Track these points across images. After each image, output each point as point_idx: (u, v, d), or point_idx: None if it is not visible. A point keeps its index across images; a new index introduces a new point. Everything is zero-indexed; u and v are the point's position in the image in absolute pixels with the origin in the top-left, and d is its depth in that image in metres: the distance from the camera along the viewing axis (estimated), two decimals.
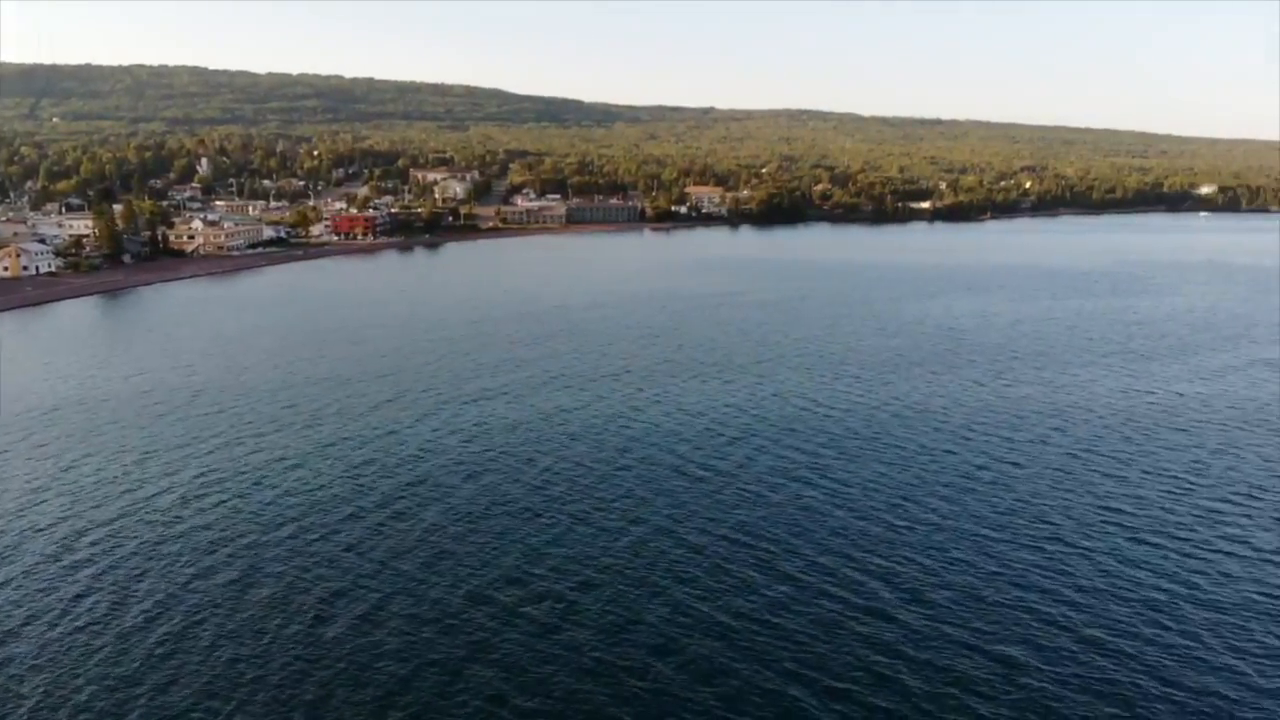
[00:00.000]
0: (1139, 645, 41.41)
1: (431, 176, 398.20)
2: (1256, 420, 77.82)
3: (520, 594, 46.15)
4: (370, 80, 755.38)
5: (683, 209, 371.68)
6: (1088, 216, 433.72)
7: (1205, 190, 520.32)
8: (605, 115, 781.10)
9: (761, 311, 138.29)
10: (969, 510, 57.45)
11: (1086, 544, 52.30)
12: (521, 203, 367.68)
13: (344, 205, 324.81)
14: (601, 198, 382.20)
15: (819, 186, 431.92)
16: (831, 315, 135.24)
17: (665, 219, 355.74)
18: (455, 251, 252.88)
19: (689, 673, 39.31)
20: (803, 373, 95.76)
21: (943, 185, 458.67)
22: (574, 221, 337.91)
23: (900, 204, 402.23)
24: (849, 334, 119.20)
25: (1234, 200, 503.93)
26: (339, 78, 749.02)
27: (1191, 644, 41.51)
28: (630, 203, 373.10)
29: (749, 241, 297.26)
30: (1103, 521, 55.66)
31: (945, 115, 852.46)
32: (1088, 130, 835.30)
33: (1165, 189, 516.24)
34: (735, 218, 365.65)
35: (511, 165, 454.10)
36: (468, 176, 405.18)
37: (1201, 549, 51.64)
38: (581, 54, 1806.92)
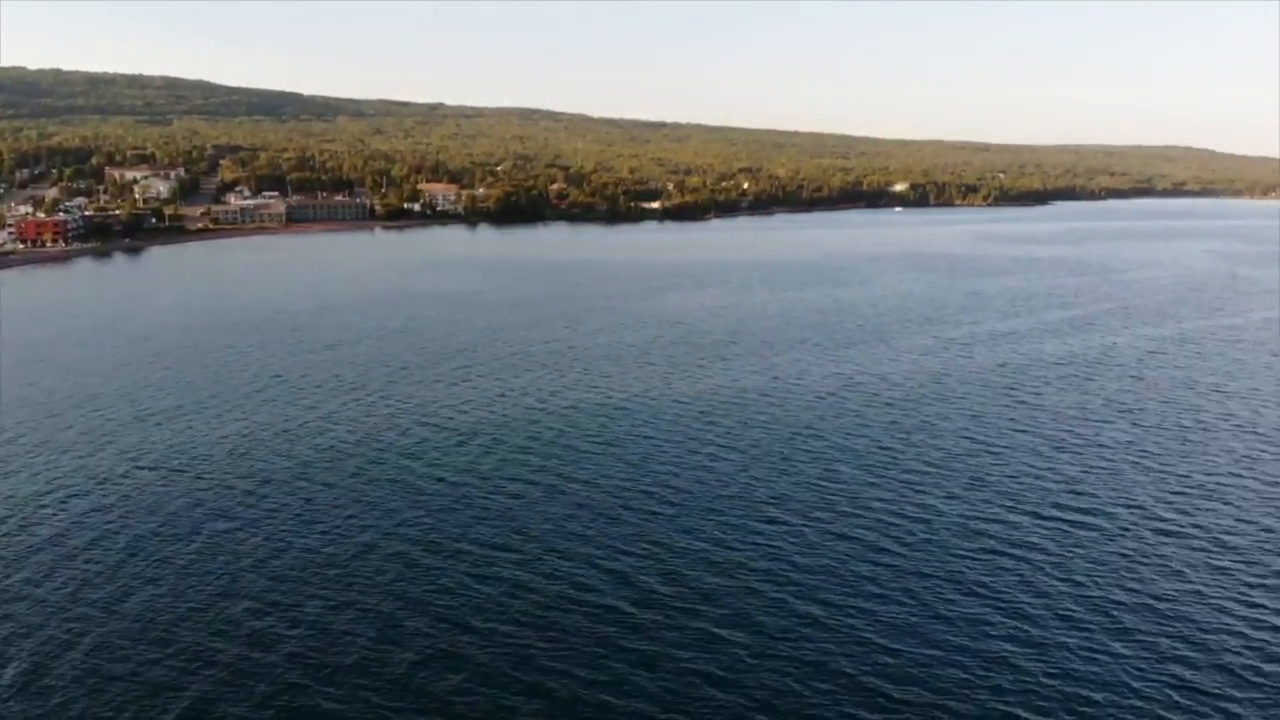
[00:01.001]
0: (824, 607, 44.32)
1: (130, 175, 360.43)
2: (952, 396, 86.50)
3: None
4: (57, 71, 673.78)
5: (416, 207, 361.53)
6: (800, 214, 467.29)
7: (899, 187, 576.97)
8: (327, 109, 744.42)
9: (505, 312, 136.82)
10: (694, 493, 59.43)
11: (797, 518, 55.57)
12: (235, 201, 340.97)
13: (30, 209, 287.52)
14: (326, 195, 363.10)
15: (555, 186, 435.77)
16: (574, 312, 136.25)
17: (398, 217, 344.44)
18: (161, 256, 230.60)
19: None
20: (550, 372, 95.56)
21: (670, 186, 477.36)
22: (296, 220, 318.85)
23: (633, 204, 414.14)
24: (591, 330, 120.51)
25: (924, 196, 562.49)
26: (22, 69, 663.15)
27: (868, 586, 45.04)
28: (358, 200, 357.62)
29: (488, 240, 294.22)
30: (817, 496, 59.43)
31: (669, 118, 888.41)
32: (796, 133, 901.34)
33: (865, 187, 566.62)
34: (472, 216, 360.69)
35: (222, 161, 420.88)
36: (172, 174, 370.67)
37: (897, 515, 56.38)
38: (298, 45, 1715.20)
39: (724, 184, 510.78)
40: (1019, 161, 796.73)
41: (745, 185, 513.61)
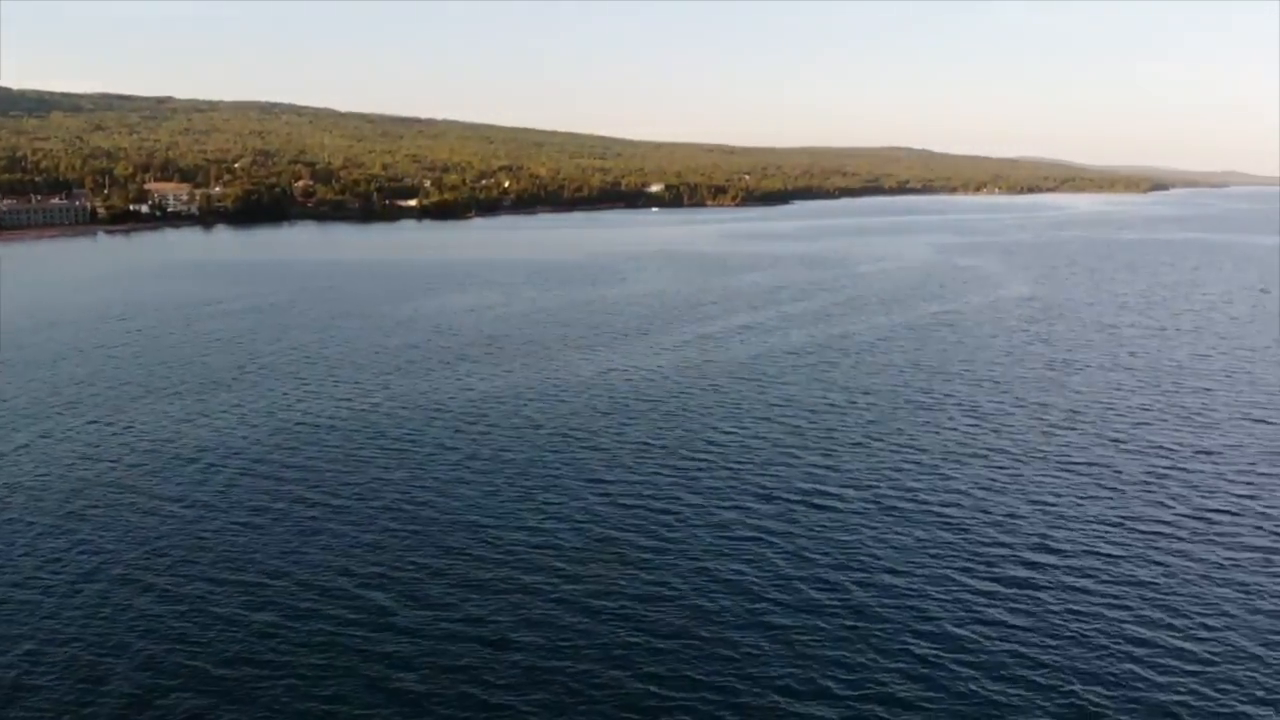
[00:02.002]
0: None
1: None
2: (708, 388, 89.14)
3: None
4: None
5: (144, 208, 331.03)
6: (562, 213, 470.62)
7: (655, 188, 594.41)
8: (39, 104, 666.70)
9: (247, 319, 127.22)
10: (465, 499, 57.49)
11: (554, 521, 55.09)
12: None
13: None
14: (40, 198, 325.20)
15: (301, 183, 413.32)
16: (324, 318, 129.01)
17: (123, 220, 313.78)
18: None
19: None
20: (294, 382, 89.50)
21: (428, 183, 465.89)
22: (7, 227, 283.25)
23: (388, 202, 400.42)
24: (346, 337, 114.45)
25: (678, 197, 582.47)
26: None
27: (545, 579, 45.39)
28: (77, 203, 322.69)
29: (227, 242, 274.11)
30: (576, 497, 59.16)
31: (424, 114, 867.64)
32: (555, 133, 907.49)
33: (623, 187, 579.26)
34: (209, 217, 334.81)
35: None
36: None
37: (657, 511, 57.18)
38: (4, 35, 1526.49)
39: (485, 182, 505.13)
40: (762, 164, 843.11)
41: (506, 184, 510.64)
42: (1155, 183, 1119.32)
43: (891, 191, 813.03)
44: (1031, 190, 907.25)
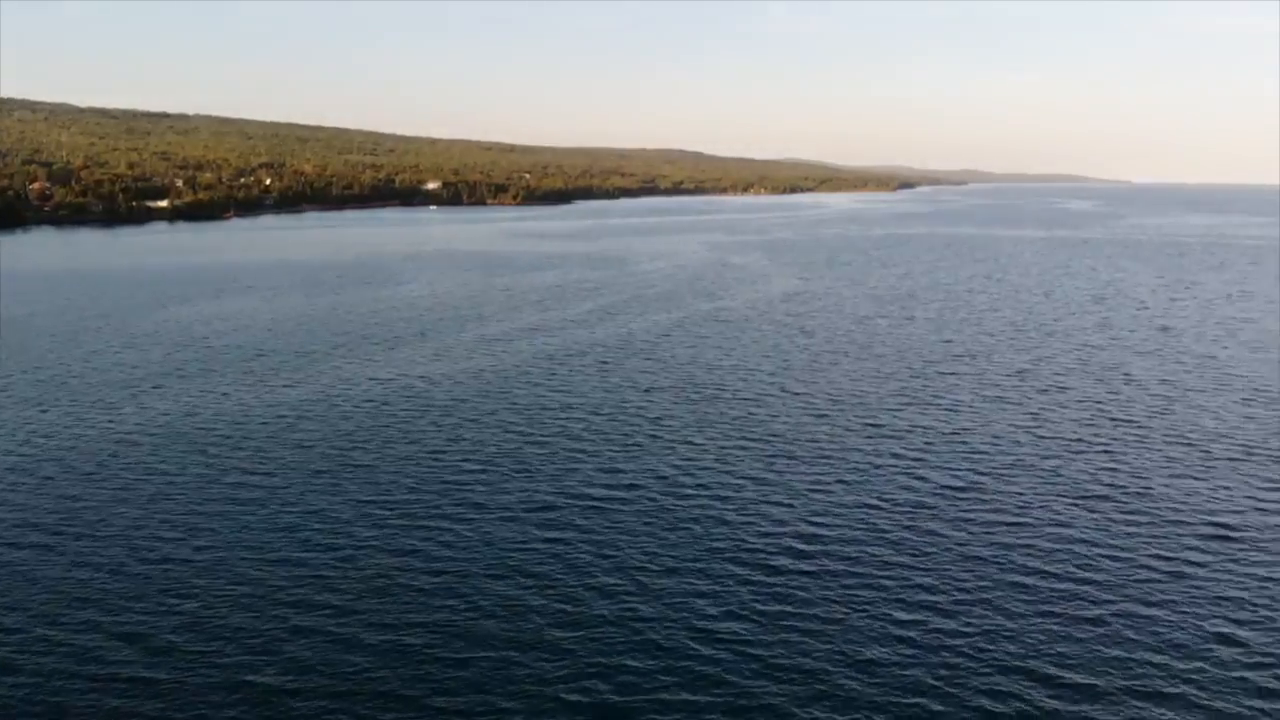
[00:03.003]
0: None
1: None
2: (495, 391, 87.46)
3: None
4: None
5: None
6: (331, 212, 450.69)
7: (432, 186, 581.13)
8: None
9: None
10: (230, 519, 53.11)
11: (333, 536, 52.22)
12: None
13: None
14: None
15: (36, 185, 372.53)
16: (64, 331, 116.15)
17: None
18: None
19: None
20: (30, 407, 79.73)
21: (180, 182, 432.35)
22: None
23: (135, 203, 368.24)
24: (87, 352, 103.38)
25: (457, 195, 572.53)
26: None
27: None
28: None
29: None
30: (357, 511, 56.25)
31: (172, 109, 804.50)
32: (320, 128, 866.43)
33: (398, 185, 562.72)
34: None
35: None
36: None
37: (447, 518, 55.36)
38: None
39: (243, 180, 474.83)
40: (542, 162, 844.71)
41: (268, 182, 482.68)
42: (903, 181, 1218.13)
43: (667, 192, 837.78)
44: (794, 190, 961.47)
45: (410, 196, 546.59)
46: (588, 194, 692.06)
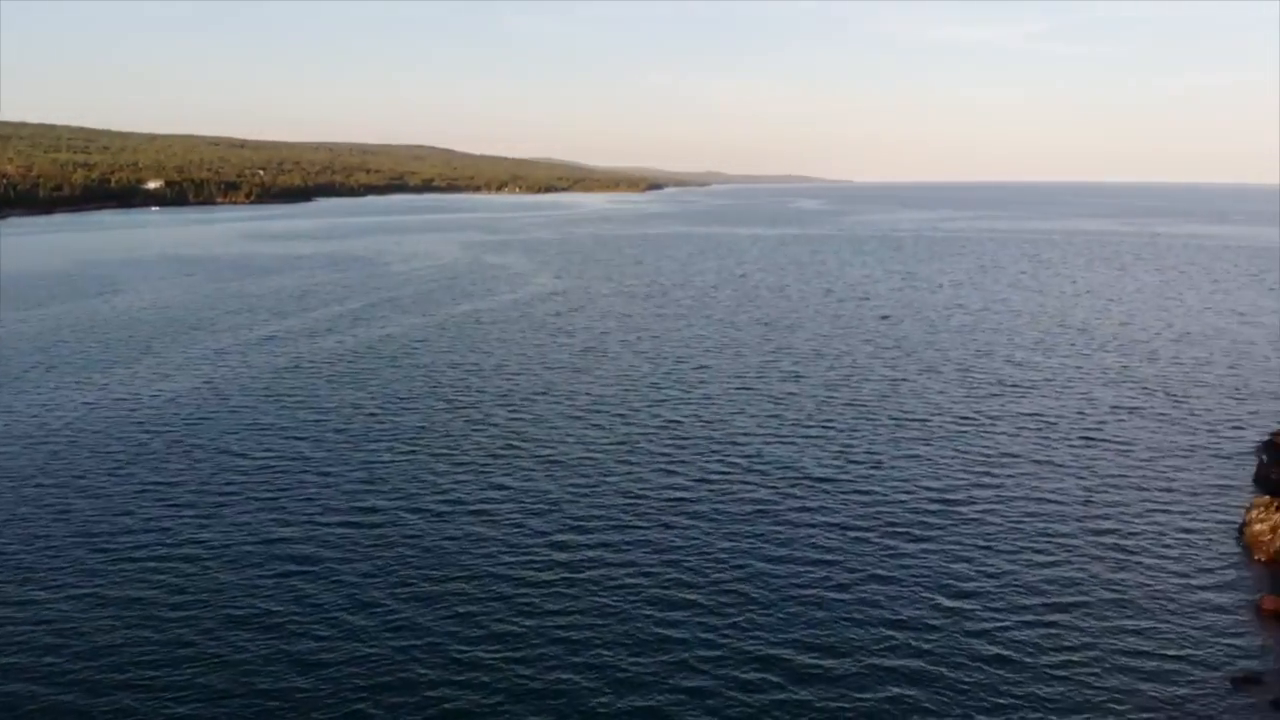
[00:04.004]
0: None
1: None
2: (231, 410, 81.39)
3: None
4: None
5: None
6: (38, 217, 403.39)
7: (154, 185, 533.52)
8: None
9: None
10: None
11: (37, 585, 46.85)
12: None
13: None
14: None
15: None
16: None
17: None
18: None
19: None
20: None
21: None
22: None
23: None
24: None
25: (182, 194, 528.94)
26: None
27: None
28: None
29: None
30: (60, 549, 50.69)
31: None
32: (24, 124, 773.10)
33: (114, 184, 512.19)
34: None
35: None
36: None
37: (181, 558, 51.07)
38: None
39: None
40: (278, 158, 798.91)
41: None
42: (652, 182, 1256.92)
43: (417, 189, 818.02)
44: (548, 189, 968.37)
45: (129, 197, 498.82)
46: (331, 191, 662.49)
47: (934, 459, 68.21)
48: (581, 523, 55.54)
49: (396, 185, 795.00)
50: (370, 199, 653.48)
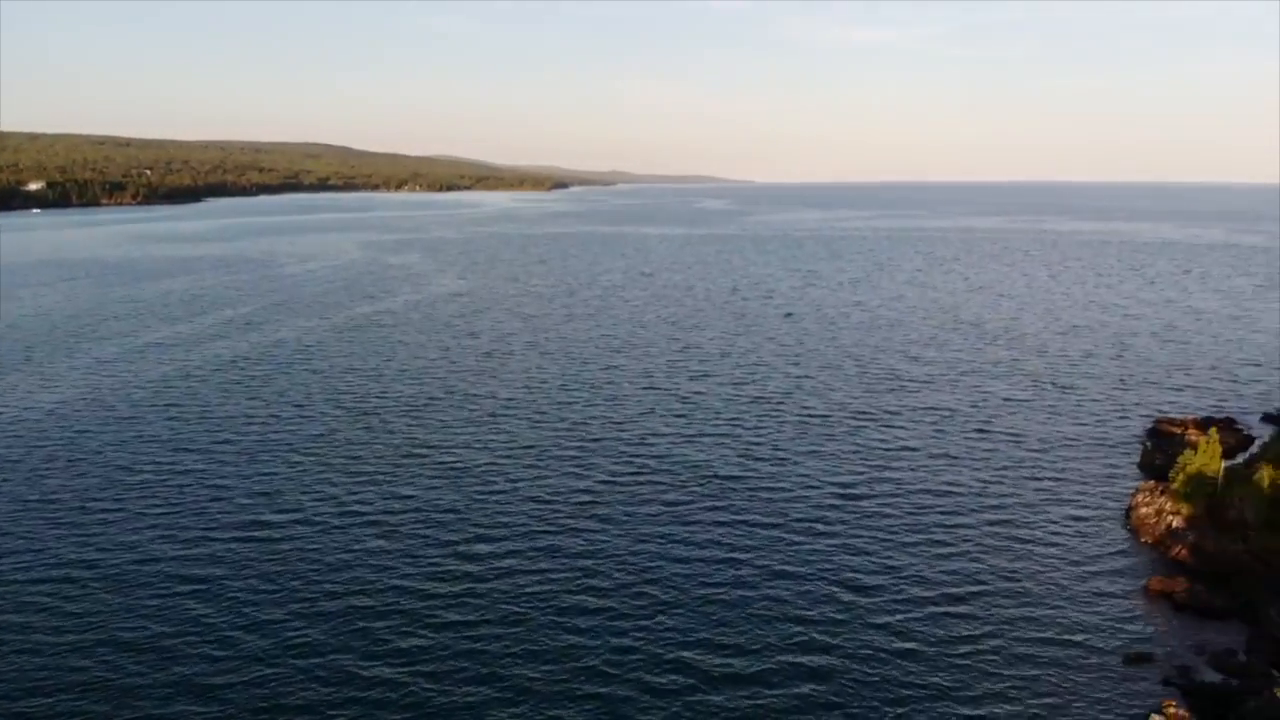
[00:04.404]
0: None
1: None
2: (116, 420, 77.53)
3: None
4: None
5: None
6: None
7: (34, 186, 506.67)
8: None
9: None
10: None
11: None
12: None
13: None
14: None
15: None
16: None
17: None
18: None
19: None
20: None
21: None
22: None
23: None
24: None
25: (65, 196, 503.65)
26: None
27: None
28: None
29: None
30: None
31: None
32: None
33: None
34: None
35: None
36: None
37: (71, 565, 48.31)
38: None
39: None
40: (165, 158, 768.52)
41: None
42: (557, 181, 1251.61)
43: (312, 188, 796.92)
44: (451, 188, 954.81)
45: (9, 200, 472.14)
46: (222, 191, 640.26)
47: (836, 454, 69.34)
48: (487, 531, 54.50)
49: (291, 184, 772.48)
50: (264, 199, 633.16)
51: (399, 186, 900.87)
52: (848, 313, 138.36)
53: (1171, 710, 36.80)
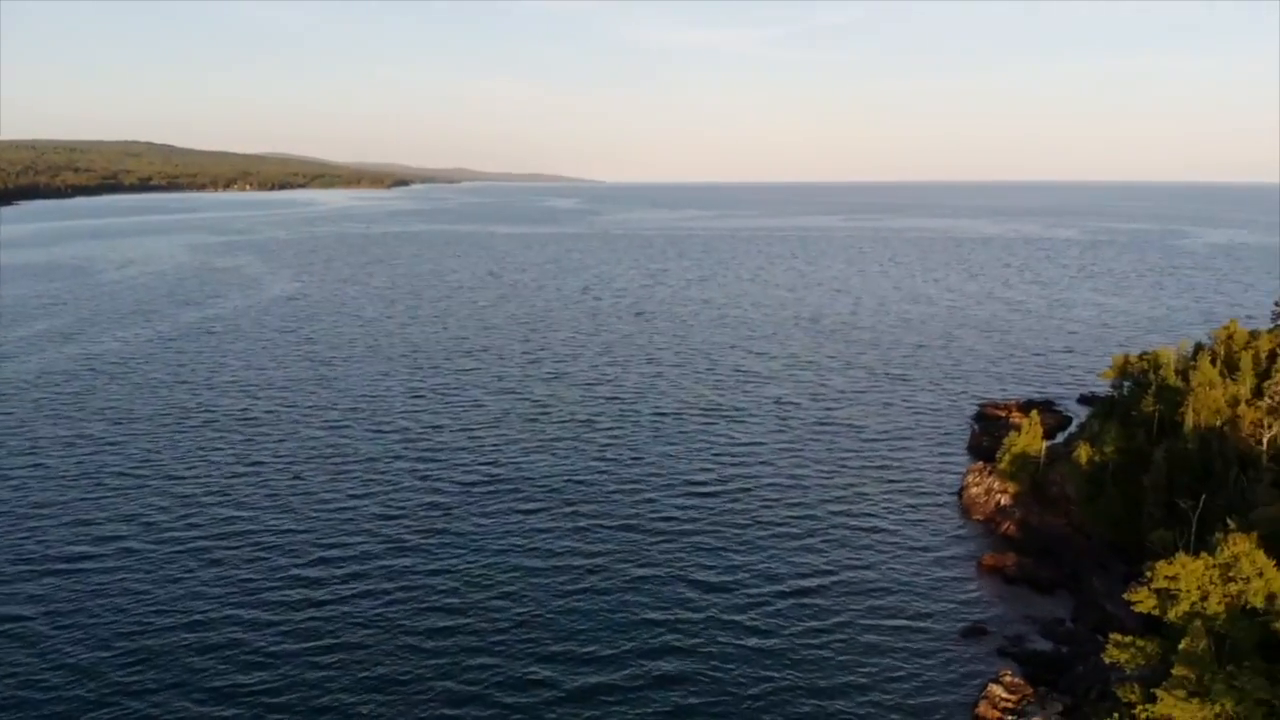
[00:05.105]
0: None
1: None
2: None
3: None
4: None
5: None
6: None
7: None
8: None
9: None
10: None
11: None
12: None
13: None
14: None
15: None
16: None
17: None
18: None
19: None
20: None
21: None
22: None
23: None
24: None
25: None
26: None
27: None
28: None
29: None
30: None
31: None
32: None
33: None
34: None
35: None
36: None
37: None
38: None
39: None
40: None
41: None
42: (398, 179, 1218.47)
43: (134, 189, 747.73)
44: (284, 186, 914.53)
45: None
46: (34, 193, 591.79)
47: (688, 452, 70.01)
48: (327, 554, 51.42)
49: (110, 185, 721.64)
50: (81, 201, 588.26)
51: (228, 186, 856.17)
52: (697, 310, 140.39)
53: (1008, 679, 38.78)
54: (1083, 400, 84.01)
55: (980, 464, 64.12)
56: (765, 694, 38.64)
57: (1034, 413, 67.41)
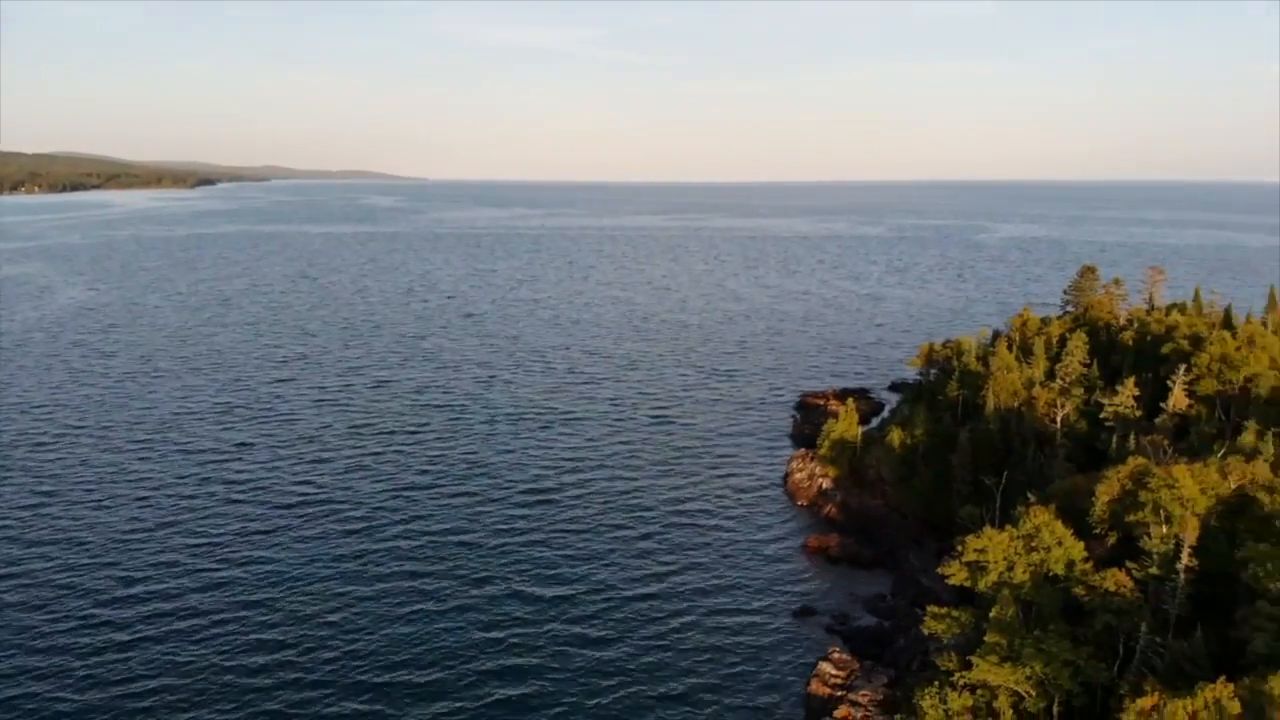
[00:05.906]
0: None
1: None
2: None
3: None
4: None
5: None
6: None
7: None
8: None
9: None
10: None
11: None
12: None
13: None
14: None
15: None
16: None
17: None
18: None
19: None
20: None
21: None
22: None
23: None
24: None
25: None
26: None
27: None
28: None
29: None
30: None
31: None
32: None
33: None
34: None
35: None
36: None
37: None
38: None
39: None
40: None
41: None
42: (203, 177, 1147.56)
43: None
44: (76, 188, 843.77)
45: None
46: None
47: (524, 454, 69.43)
48: (130, 590, 47.61)
49: None
50: None
51: (14, 189, 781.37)
52: (529, 310, 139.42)
53: (836, 655, 40.49)
54: (894, 387, 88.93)
55: (802, 450, 66.80)
56: (605, 687, 38.92)
57: (850, 400, 70.86)
